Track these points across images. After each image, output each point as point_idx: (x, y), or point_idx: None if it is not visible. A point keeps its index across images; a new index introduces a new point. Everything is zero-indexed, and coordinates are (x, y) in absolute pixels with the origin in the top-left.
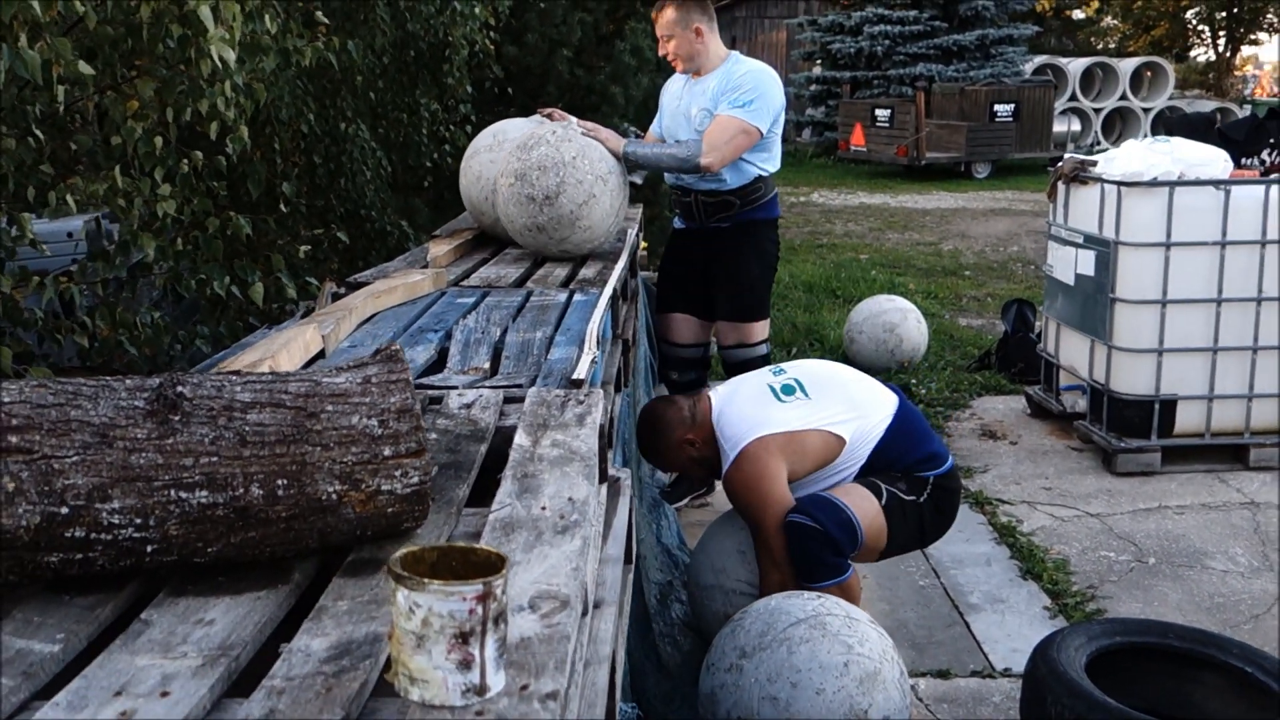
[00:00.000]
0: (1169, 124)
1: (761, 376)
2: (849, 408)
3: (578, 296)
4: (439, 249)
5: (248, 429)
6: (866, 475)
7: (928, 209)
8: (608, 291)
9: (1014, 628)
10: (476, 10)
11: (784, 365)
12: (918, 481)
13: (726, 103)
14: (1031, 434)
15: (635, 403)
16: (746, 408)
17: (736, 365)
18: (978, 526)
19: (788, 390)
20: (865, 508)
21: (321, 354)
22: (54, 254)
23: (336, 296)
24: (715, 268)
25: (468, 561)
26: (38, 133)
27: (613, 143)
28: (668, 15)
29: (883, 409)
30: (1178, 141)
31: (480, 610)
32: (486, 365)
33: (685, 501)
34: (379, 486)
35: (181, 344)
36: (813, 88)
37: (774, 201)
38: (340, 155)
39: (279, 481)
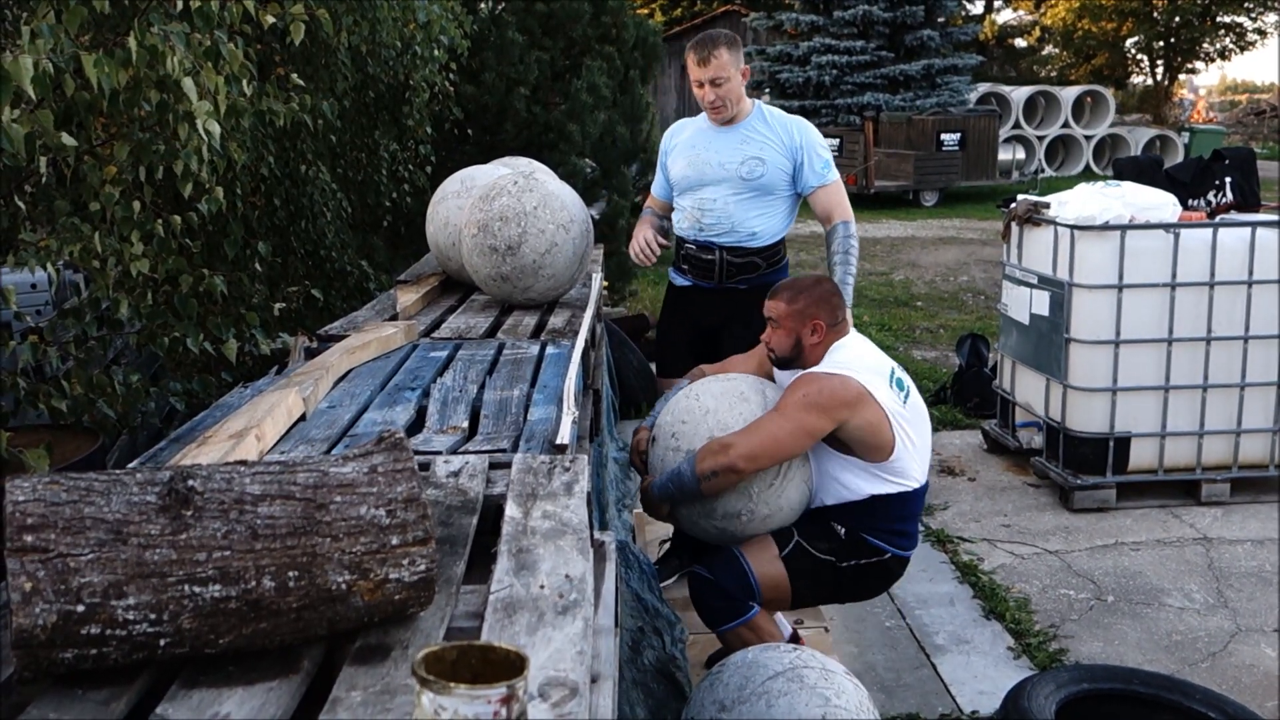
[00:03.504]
0: (1119, 167)
1: (884, 356)
2: (919, 445)
3: (550, 349)
4: (407, 297)
5: (259, 522)
6: (853, 512)
7: (878, 237)
8: (579, 345)
9: (980, 669)
10: (437, 53)
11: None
12: (869, 548)
13: (816, 170)
14: (989, 470)
15: (604, 454)
16: (870, 359)
17: None
18: (940, 565)
19: (899, 385)
20: (762, 562)
21: (303, 417)
22: (20, 307)
23: (309, 350)
24: (735, 328)
25: (486, 660)
26: (20, 203)
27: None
28: (721, 58)
29: (923, 471)
30: (1128, 185)
31: (504, 712)
32: (465, 424)
33: (673, 580)
34: (387, 575)
35: (155, 401)
36: None
37: (787, 264)
38: (300, 197)
39: (290, 573)
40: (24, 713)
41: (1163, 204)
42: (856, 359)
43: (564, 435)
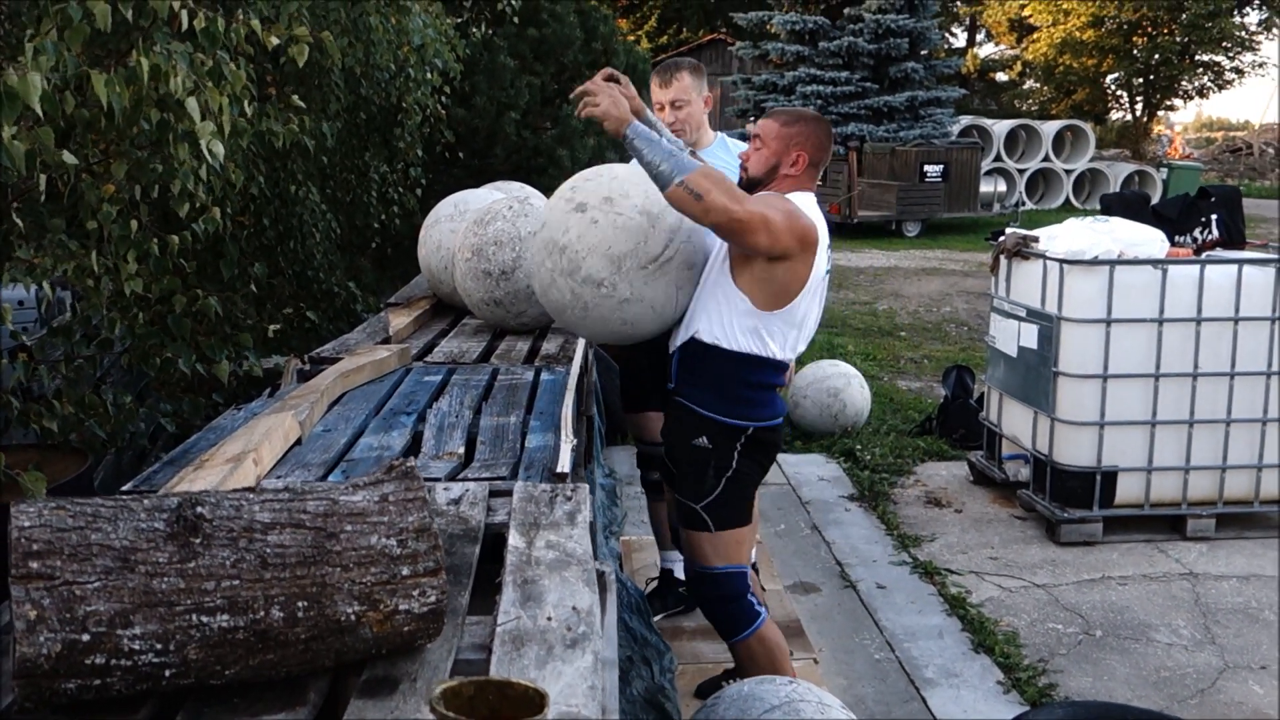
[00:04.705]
0: (1107, 203)
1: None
2: (805, 320)
3: (545, 376)
4: (399, 320)
5: (268, 550)
6: (717, 377)
7: (861, 267)
8: (574, 371)
9: (969, 703)
10: (430, 76)
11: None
12: (733, 429)
13: None
14: (975, 502)
15: (593, 480)
16: (823, 225)
17: None
18: (929, 598)
19: (828, 259)
20: (706, 550)
21: (299, 440)
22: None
23: (302, 373)
24: None
25: (504, 696)
26: (16, 219)
27: None
28: (684, 81)
29: (793, 351)
30: (1116, 221)
31: None
32: (461, 450)
33: (660, 617)
34: (397, 606)
35: (144, 421)
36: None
37: None
38: (289, 217)
39: (299, 604)
40: None
41: (1151, 240)
42: (817, 217)
43: (564, 464)
